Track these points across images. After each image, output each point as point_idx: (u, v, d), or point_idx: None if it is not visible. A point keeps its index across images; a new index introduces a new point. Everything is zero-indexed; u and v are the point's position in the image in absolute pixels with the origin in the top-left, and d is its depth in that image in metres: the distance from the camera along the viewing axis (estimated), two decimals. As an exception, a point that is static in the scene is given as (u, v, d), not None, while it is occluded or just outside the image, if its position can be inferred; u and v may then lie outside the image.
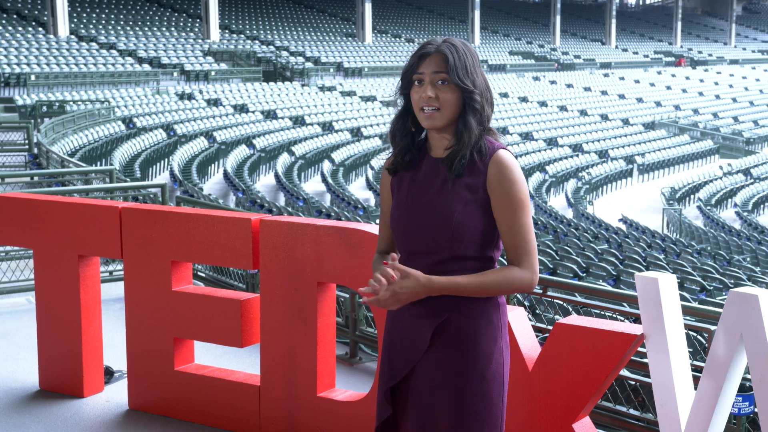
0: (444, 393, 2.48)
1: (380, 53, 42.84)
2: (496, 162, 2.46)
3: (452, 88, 2.45)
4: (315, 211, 16.93)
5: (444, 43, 2.48)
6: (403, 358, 2.54)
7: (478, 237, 2.46)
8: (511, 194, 2.45)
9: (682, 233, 22.06)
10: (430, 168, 2.52)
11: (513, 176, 2.46)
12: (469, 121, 2.46)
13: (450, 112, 2.46)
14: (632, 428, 4.21)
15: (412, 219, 2.49)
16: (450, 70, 2.44)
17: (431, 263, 2.46)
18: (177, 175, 19.35)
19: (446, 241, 2.44)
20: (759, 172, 31.93)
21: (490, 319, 2.50)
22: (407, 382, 2.55)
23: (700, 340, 4.89)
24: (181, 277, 4.35)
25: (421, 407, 2.51)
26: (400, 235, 2.53)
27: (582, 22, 63.00)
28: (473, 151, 2.47)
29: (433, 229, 2.45)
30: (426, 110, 2.45)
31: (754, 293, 2.94)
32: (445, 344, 2.48)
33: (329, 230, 3.91)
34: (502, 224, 2.47)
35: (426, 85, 2.45)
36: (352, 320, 5.59)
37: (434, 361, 2.49)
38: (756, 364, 2.94)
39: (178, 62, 33.21)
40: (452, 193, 2.46)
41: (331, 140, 27.79)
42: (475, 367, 2.47)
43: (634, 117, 40.62)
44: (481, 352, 2.48)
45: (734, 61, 59.99)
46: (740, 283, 12.36)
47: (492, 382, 2.49)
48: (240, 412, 4.20)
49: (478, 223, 2.45)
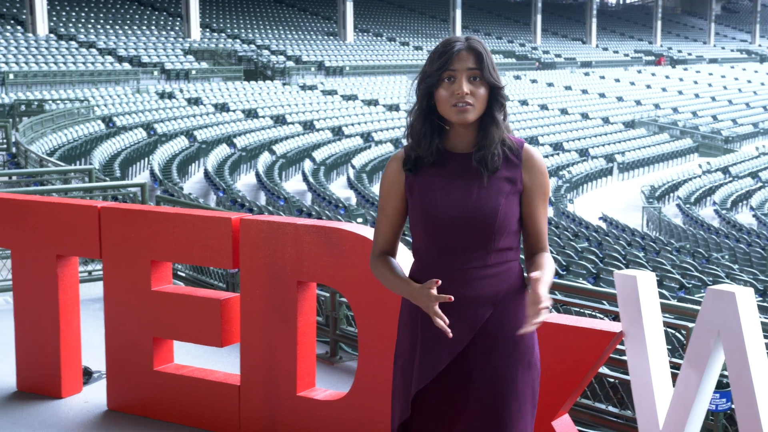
0: (498, 382, 2.51)
1: (361, 52, 42.82)
2: (529, 155, 2.55)
3: (483, 84, 2.49)
4: (296, 211, 16.90)
5: (470, 40, 2.51)
6: (439, 355, 2.51)
7: (515, 227, 2.54)
8: (544, 185, 2.56)
9: (662, 231, 22.20)
10: (457, 164, 2.53)
11: (544, 168, 2.58)
12: (497, 116, 2.51)
13: (481, 107, 2.50)
14: (611, 425, 4.23)
15: (451, 215, 2.49)
16: (483, 67, 2.48)
17: (470, 257, 2.49)
18: (157, 174, 19.26)
19: (489, 235, 2.48)
20: (737, 170, 32.17)
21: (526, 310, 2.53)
22: (447, 380, 2.53)
23: (678, 338, 4.92)
24: (160, 276, 4.33)
25: (472, 399, 2.51)
26: (434, 232, 2.51)
27: (563, 21, 63.22)
28: (501, 145, 2.52)
29: (476, 224, 2.48)
30: (459, 105, 2.46)
31: (731, 291, 2.96)
32: (493, 336, 2.51)
33: (309, 229, 3.91)
34: (532, 213, 2.55)
35: (460, 81, 2.46)
36: (333, 319, 5.59)
37: (483, 353, 2.51)
38: (733, 361, 2.96)
39: (158, 61, 33.07)
40: (493, 187, 2.50)
41: (312, 139, 27.76)
42: (524, 354, 2.53)
43: (614, 116, 40.82)
44: (526, 341, 2.54)
45: (713, 60, 60.39)
46: (719, 280, 12.44)
47: (534, 369, 2.56)
48: (219, 412, 4.19)
49: (516, 214, 2.53)
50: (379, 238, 2.65)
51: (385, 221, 2.63)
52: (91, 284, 6.85)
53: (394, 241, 2.65)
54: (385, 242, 2.65)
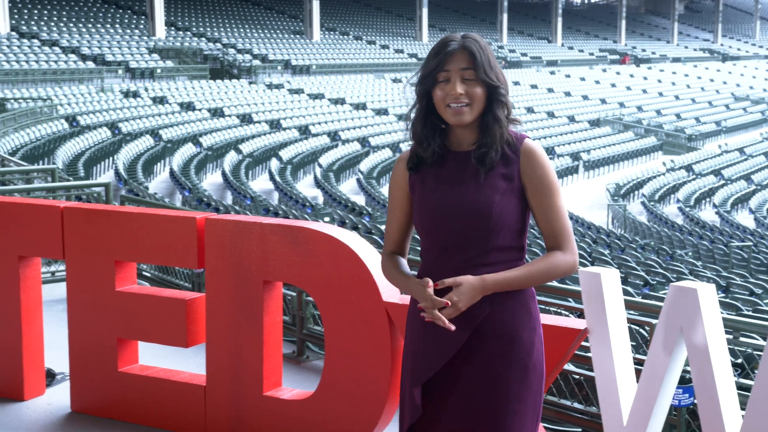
0: (490, 384, 2.49)
1: (328, 51, 42.74)
2: (526, 151, 2.50)
3: (479, 83, 2.47)
4: (262, 210, 16.84)
5: (466, 39, 2.49)
6: (439, 353, 2.51)
7: (515, 225, 2.50)
8: (546, 180, 2.49)
9: (627, 229, 22.41)
10: (457, 163, 2.53)
11: (544, 162, 2.51)
12: (498, 115, 2.49)
13: (478, 107, 2.48)
14: (576, 422, 4.26)
15: (447, 213, 2.49)
16: (477, 66, 2.46)
17: (468, 256, 2.48)
18: (122, 173, 19.09)
19: (485, 233, 2.46)
20: (701, 168, 32.55)
21: (528, 309, 2.53)
22: (443, 381, 2.53)
23: (642, 334, 4.97)
24: (124, 277, 4.29)
25: (465, 400, 2.50)
26: (432, 231, 2.52)
27: (528, 20, 63.57)
28: (501, 142, 2.50)
29: (472, 221, 2.46)
30: (454, 106, 2.46)
31: (693, 287, 2.99)
32: (487, 337, 2.49)
33: (275, 228, 3.89)
34: (539, 210, 2.50)
35: (454, 82, 2.46)
36: (300, 319, 5.57)
37: (478, 353, 2.50)
38: (695, 356, 2.99)
39: (122, 59, 32.76)
40: (489, 184, 2.47)
41: (279, 138, 27.66)
42: (518, 357, 2.49)
43: (579, 114, 41.11)
44: (522, 342, 2.50)
45: (677, 59, 61.04)
46: (682, 277, 12.59)
47: (533, 371, 2.51)
48: (185, 413, 4.16)
49: (515, 212, 2.49)
50: (388, 239, 2.67)
51: (393, 221, 2.65)
52: (54, 285, 6.77)
53: (403, 241, 2.66)
54: (393, 242, 2.66)
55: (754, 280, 13.16)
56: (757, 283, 12.72)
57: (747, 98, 50.49)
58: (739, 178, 31.37)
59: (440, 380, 2.54)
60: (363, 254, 3.73)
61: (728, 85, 54.25)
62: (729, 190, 29.04)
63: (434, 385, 2.55)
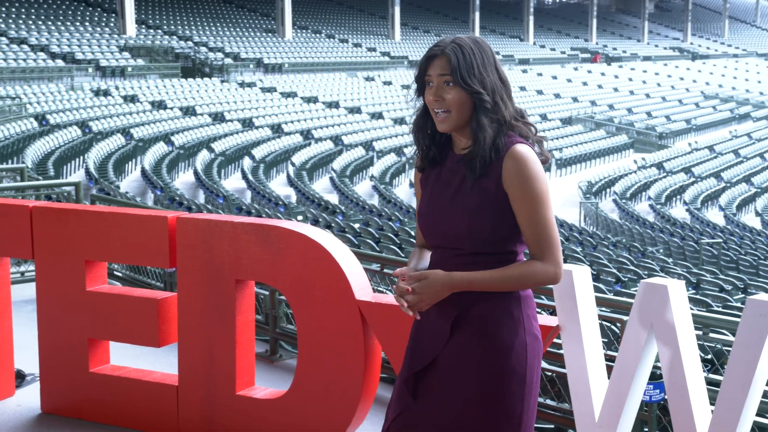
0: (463, 382, 2.50)
1: (301, 49, 42.63)
2: (511, 157, 2.46)
3: (458, 89, 2.46)
4: (235, 209, 16.77)
5: (451, 44, 2.48)
6: (427, 348, 2.56)
7: (496, 233, 2.48)
8: (528, 188, 2.45)
9: (599, 226, 22.55)
10: (452, 165, 2.55)
11: (528, 170, 2.45)
12: (482, 120, 2.46)
13: (459, 113, 2.47)
14: (549, 418, 4.29)
15: (435, 216, 2.54)
16: (453, 71, 2.45)
17: (455, 258, 2.51)
18: (93, 173, 18.92)
19: (465, 238, 2.48)
20: (671, 165, 32.83)
21: (510, 312, 2.51)
22: (428, 374, 2.56)
23: (614, 331, 5.00)
24: (95, 276, 4.26)
25: (440, 395, 2.53)
26: (425, 231, 2.58)
27: (500, 18, 63.78)
28: (491, 149, 2.47)
29: (453, 227, 2.49)
30: (438, 113, 2.48)
31: (663, 284, 3.02)
32: (467, 335, 2.51)
33: (247, 227, 3.88)
34: (521, 219, 2.47)
35: (433, 88, 2.48)
36: (272, 317, 5.56)
37: (456, 351, 2.52)
38: (666, 352, 3.02)
39: (93, 58, 32.46)
40: (473, 190, 2.48)
41: (252, 137, 27.54)
42: (495, 357, 2.48)
43: (551, 112, 41.32)
44: (501, 343, 2.49)
45: (647, 58, 61.51)
46: (654, 274, 12.69)
47: (511, 374, 2.48)
48: (157, 413, 4.14)
49: (494, 220, 2.47)
50: (417, 233, 2.73)
51: (417, 218, 2.69)
52: (23, 285, 6.71)
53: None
54: (419, 237, 2.72)
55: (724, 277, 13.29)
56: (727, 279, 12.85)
57: (716, 96, 51.00)
58: (709, 175, 31.68)
59: (425, 376, 2.57)
60: (336, 253, 3.72)
61: (698, 84, 54.77)
62: (699, 188, 29.32)
63: (420, 382, 2.57)
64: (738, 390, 2.88)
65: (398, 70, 44.00)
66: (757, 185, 30.66)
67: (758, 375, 2.86)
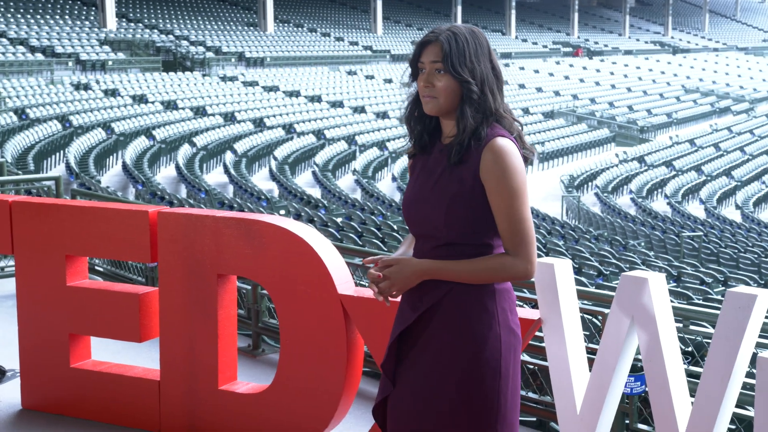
0: (436, 374, 2.51)
1: (283, 43, 42.50)
2: (490, 149, 2.47)
3: (449, 76, 2.48)
4: (217, 203, 16.73)
5: (446, 32, 2.50)
6: (393, 332, 2.60)
7: (472, 224, 2.48)
8: (504, 181, 2.45)
9: (581, 220, 22.65)
10: (437, 154, 2.57)
11: (506, 164, 2.46)
12: (465, 110, 2.48)
13: (446, 100, 2.49)
14: (531, 411, 4.30)
15: (415, 204, 2.55)
16: (445, 59, 2.47)
17: (433, 247, 2.53)
18: (73, 167, 18.82)
19: (441, 228, 2.49)
20: (652, 159, 33.00)
21: (484, 305, 2.51)
22: (404, 362, 2.58)
23: (595, 323, 5.03)
24: (76, 271, 4.24)
25: (415, 387, 2.54)
26: (407, 219, 2.60)
27: (482, 12, 63.80)
28: (471, 139, 2.49)
29: (430, 215, 2.51)
30: (425, 98, 2.51)
31: (643, 277, 3.03)
32: (440, 327, 2.52)
33: (229, 222, 3.87)
34: (496, 211, 2.48)
35: (425, 74, 2.50)
36: (255, 312, 5.55)
37: (428, 343, 2.53)
38: (646, 345, 3.03)
39: (73, 51, 32.24)
40: (451, 179, 2.49)
41: (234, 131, 27.46)
42: (470, 350, 2.49)
43: (534, 106, 41.42)
44: (473, 336, 2.49)
45: (628, 52, 61.74)
46: (635, 267, 12.76)
47: (485, 366, 2.48)
48: (139, 408, 4.12)
49: (470, 210, 2.48)
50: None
51: (402, 206, 2.71)
52: (3, 281, 6.67)
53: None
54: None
55: (704, 270, 13.39)
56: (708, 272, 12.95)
57: (697, 90, 51.27)
58: (689, 169, 31.87)
59: (401, 369, 2.58)
60: (318, 247, 3.72)
61: (679, 78, 55.03)
62: (680, 181, 29.48)
63: (397, 374, 2.59)
64: (718, 382, 2.90)
65: (380, 64, 43.98)
66: (737, 178, 30.88)
67: (737, 367, 2.88)
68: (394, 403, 2.59)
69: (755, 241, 18.98)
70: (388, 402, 2.61)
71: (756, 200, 28.17)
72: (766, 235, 20.54)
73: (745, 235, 20.25)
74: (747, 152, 36.06)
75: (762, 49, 69.56)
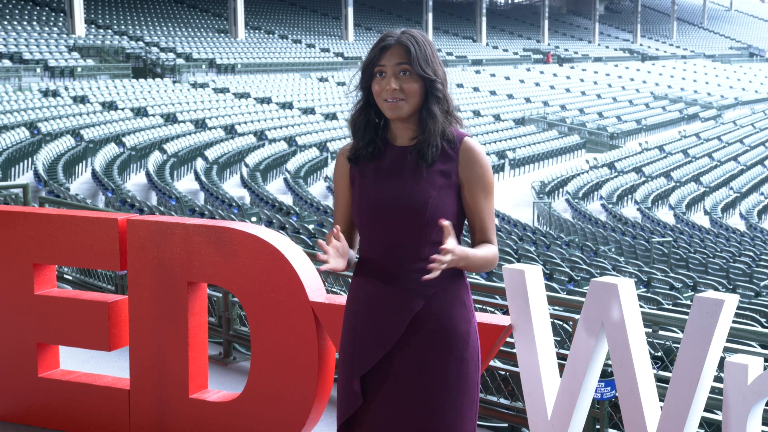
0: (426, 376, 2.52)
1: (253, 50, 42.40)
2: (466, 149, 2.55)
3: (415, 78, 2.50)
4: (188, 210, 16.62)
5: (403, 35, 2.52)
6: (374, 346, 2.54)
7: (452, 221, 2.51)
8: (484, 179, 2.58)
9: (552, 226, 22.76)
10: (395, 157, 2.57)
11: (484, 162, 2.58)
12: (433, 109, 2.52)
13: (414, 101, 2.52)
14: (503, 417, 4.31)
15: (384, 207, 2.53)
16: (412, 61, 2.49)
17: (404, 250, 2.51)
18: (42, 175, 18.63)
19: (421, 227, 2.50)
20: (622, 165, 33.25)
21: (463, 301, 2.58)
22: (378, 372, 2.55)
23: (566, 329, 5.05)
24: (44, 280, 4.19)
25: (402, 392, 2.53)
26: (367, 224, 2.56)
27: (453, 19, 64.09)
28: (441, 138, 2.53)
29: (408, 215, 2.50)
30: (389, 101, 2.50)
31: (613, 282, 3.05)
32: (424, 329, 2.53)
33: (199, 229, 3.85)
34: (473, 207, 2.56)
35: (389, 77, 2.50)
36: (226, 320, 5.52)
37: (413, 346, 2.53)
38: (616, 350, 3.05)
39: (41, 58, 31.95)
40: (426, 179, 2.51)
41: (205, 138, 27.32)
42: (455, 348, 2.53)
43: (505, 113, 41.60)
44: (459, 334, 2.55)
45: (598, 59, 62.25)
46: (606, 272, 12.83)
47: (470, 362, 2.56)
48: (109, 418, 4.08)
49: (450, 208, 2.54)
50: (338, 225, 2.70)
51: (338, 214, 2.68)
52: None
53: (349, 233, 2.68)
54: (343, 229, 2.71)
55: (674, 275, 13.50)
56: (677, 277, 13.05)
57: (665, 97, 51.78)
58: (659, 175, 32.15)
59: (375, 372, 2.56)
60: (289, 254, 3.71)
61: (647, 85, 55.56)
62: (649, 187, 29.73)
63: (369, 377, 2.57)
64: (686, 386, 2.92)
65: (352, 71, 43.95)
66: (705, 184, 31.20)
67: (706, 371, 2.91)
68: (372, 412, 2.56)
69: (723, 246, 19.18)
70: (366, 417, 2.57)
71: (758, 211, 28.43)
72: (735, 241, 20.78)
73: (713, 240, 20.46)
74: (715, 158, 36.45)
75: (729, 57, 70.46)
